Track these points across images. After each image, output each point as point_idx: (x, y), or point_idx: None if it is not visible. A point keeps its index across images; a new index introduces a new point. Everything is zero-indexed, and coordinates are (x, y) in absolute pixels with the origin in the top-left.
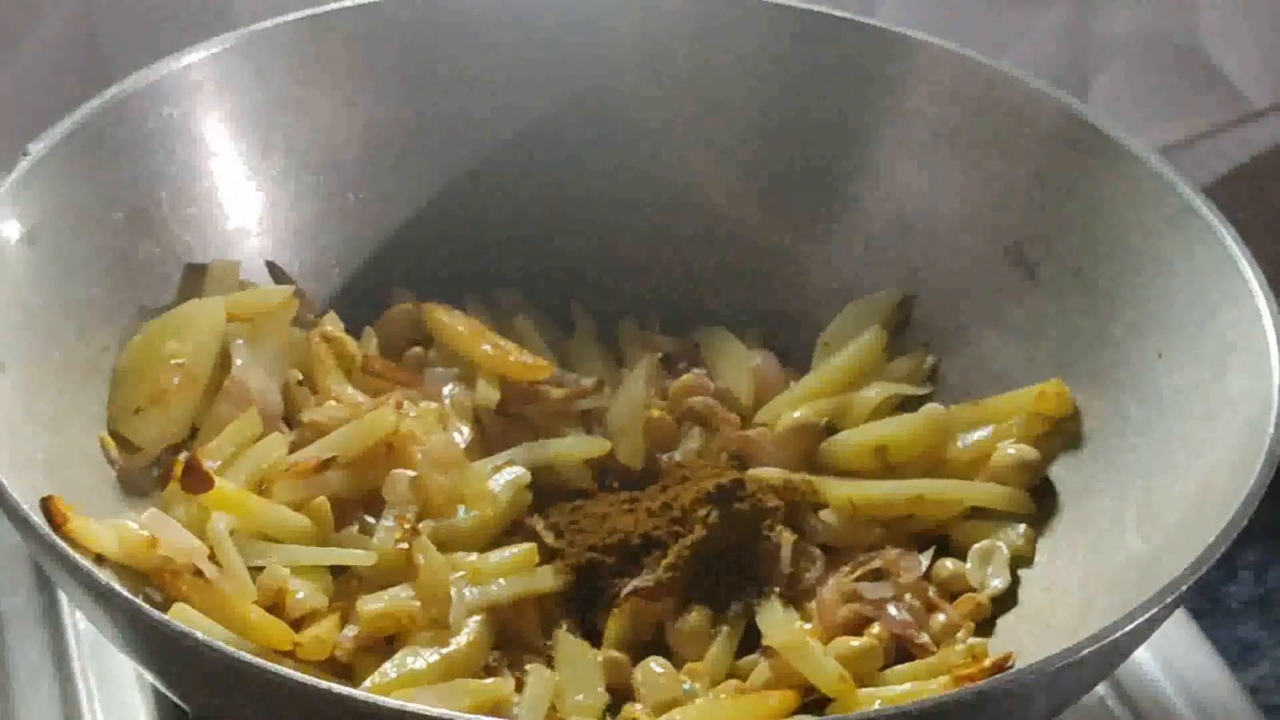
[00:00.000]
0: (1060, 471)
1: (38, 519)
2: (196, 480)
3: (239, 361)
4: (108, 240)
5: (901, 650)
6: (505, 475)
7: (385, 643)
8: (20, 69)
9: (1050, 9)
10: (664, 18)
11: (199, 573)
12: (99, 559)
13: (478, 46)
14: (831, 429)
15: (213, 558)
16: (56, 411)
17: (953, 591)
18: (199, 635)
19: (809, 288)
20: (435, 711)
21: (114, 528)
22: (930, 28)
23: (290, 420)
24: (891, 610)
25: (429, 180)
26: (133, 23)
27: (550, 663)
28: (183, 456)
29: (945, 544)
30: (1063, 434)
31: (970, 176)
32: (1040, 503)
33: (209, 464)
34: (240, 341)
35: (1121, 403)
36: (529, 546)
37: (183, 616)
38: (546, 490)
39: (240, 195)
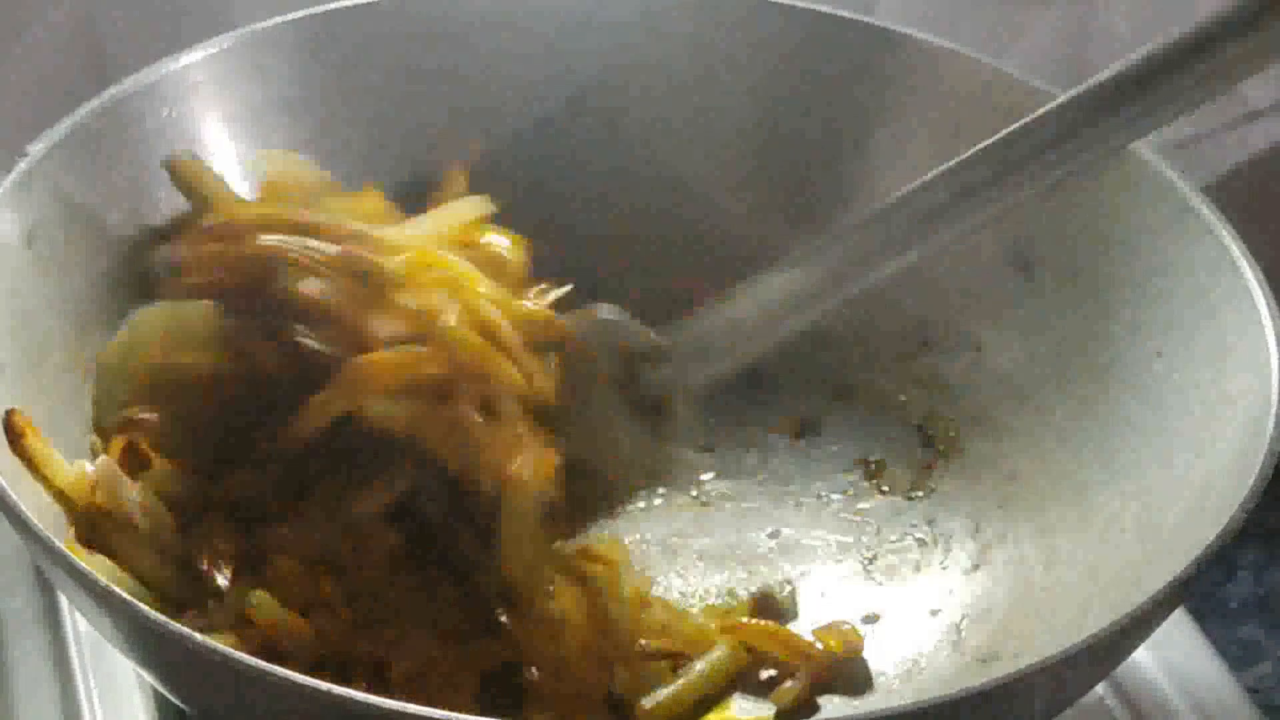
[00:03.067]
0: (1058, 472)
1: (37, 521)
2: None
3: None
4: (107, 241)
5: None
6: None
7: None
8: (20, 69)
9: (1050, 9)
10: (663, 17)
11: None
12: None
13: (477, 46)
14: None
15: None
16: (55, 412)
17: None
18: (199, 637)
19: None
20: (435, 712)
21: (71, 463)
22: (930, 27)
23: None
24: None
25: (429, 180)
26: (133, 23)
27: None
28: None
29: None
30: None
31: None
32: (1040, 502)
33: None
34: None
35: (1121, 402)
36: None
37: (99, 566)
38: None
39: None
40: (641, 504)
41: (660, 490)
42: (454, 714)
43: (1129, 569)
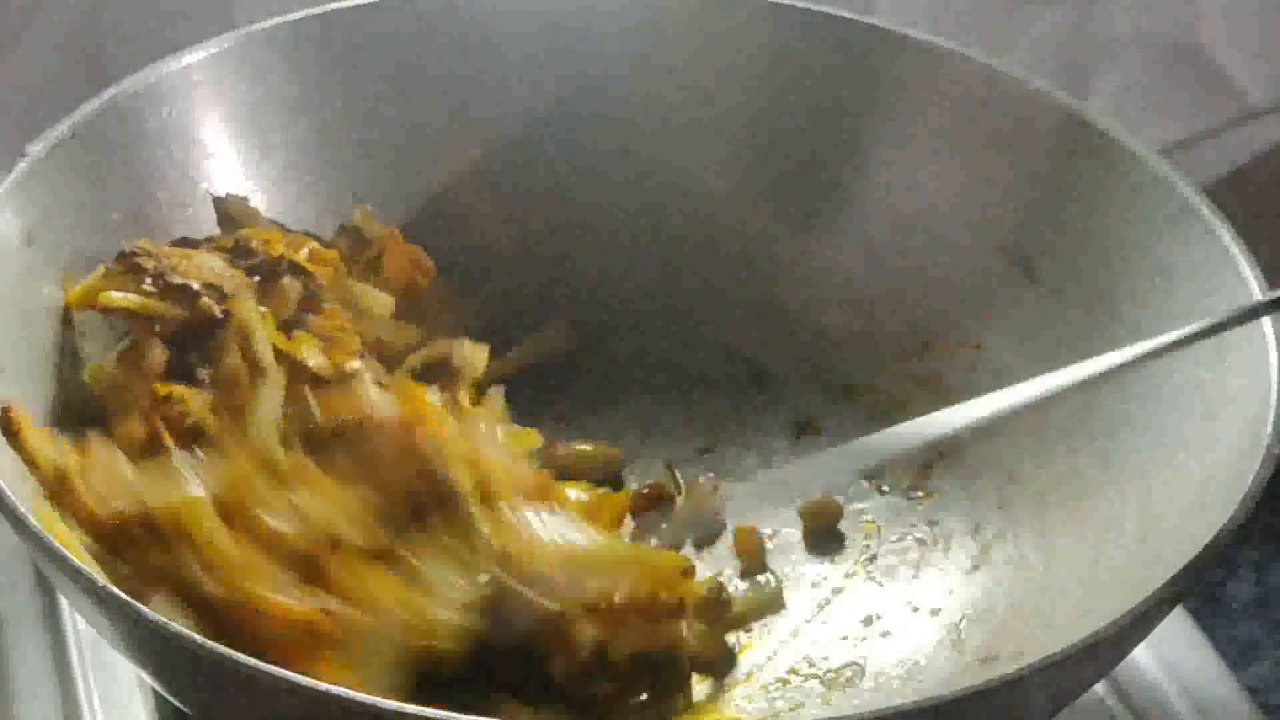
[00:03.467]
0: (1058, 472)
1: (37, 522)
2: None
3: None
4: (106, 241)
5: None
6: None
7: None
8: (20, 69)
9: (1050, 9)
10: (663, 18)
11: None
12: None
13: (477, 47)
14: None
15: None
16: (55, 411)
17: None
18: (195, 637)
19: (808, 288)
20: (434, 712)
21: (71, 448)
22: (930, 27)
23: None
24: None
25: (428, 180)
26: (133, 23)
27: None
28: None
29: None
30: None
31: (970, 176)
32: (1040, 503)
33: None
34: None
35: (1121, 403)
36: None
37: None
38: None
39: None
40: None
41: None
42: (454, 714)
43: (1129, 569)
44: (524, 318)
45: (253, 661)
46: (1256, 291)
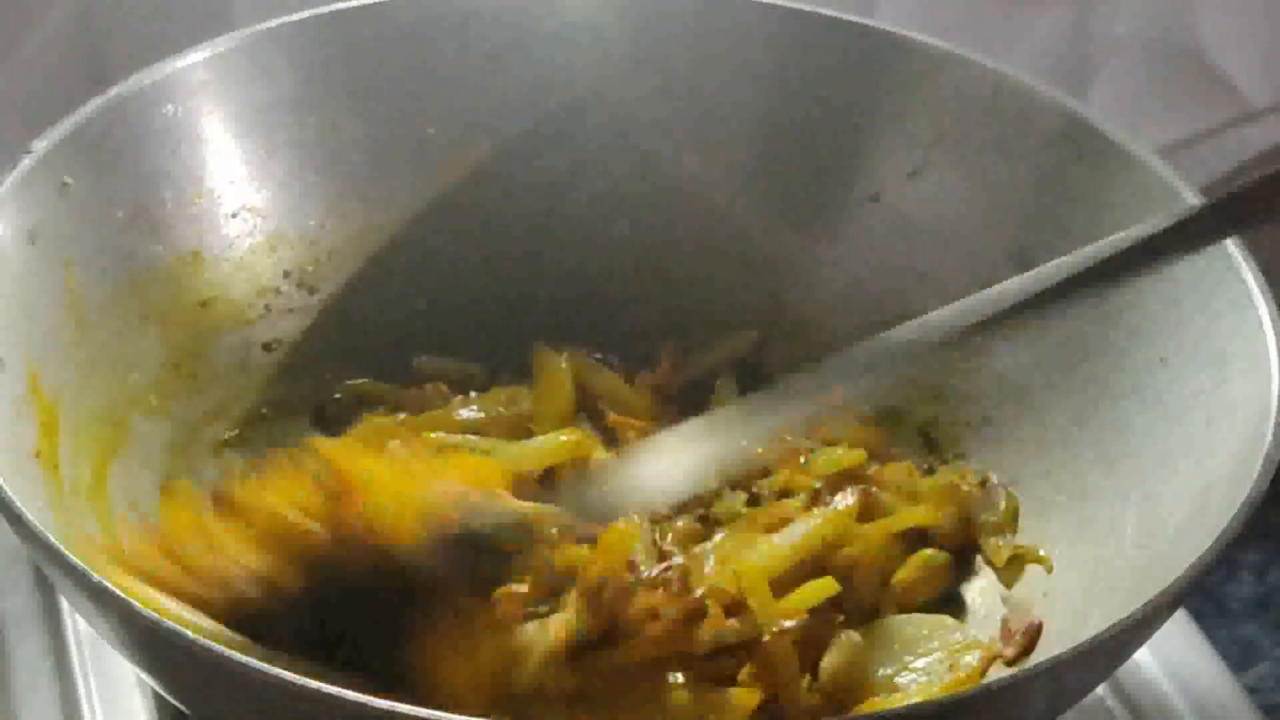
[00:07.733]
0: (1060, 478)
1: (36, 521)
2: None
3: None
4: (110, 239)
5: None
6: None
7: None
8: (21, 68)
9: (1050, 9)
10: (664, 20)
11: None
12: None
13: (480, 48)
14: None
15: None
16: (55, 410)
17: None
18: (191, 635)
19: (811, 292)
20: (427, 712)
21: None
22: (930, 28)
23: None
24: None
25: (434, 180)
26: (133, 23)
27: None
28: None
29: None
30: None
31: (972, 180)
32: (1042, 508)
33: None
34: None
35: (1124, 409)
36: None
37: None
38: None
39: (244, 195)
40: None
41: None
42: (452, 715)
43: (1129, 575)
44: (527, 319)
45: (252, 661)
46: (1258, 296)
